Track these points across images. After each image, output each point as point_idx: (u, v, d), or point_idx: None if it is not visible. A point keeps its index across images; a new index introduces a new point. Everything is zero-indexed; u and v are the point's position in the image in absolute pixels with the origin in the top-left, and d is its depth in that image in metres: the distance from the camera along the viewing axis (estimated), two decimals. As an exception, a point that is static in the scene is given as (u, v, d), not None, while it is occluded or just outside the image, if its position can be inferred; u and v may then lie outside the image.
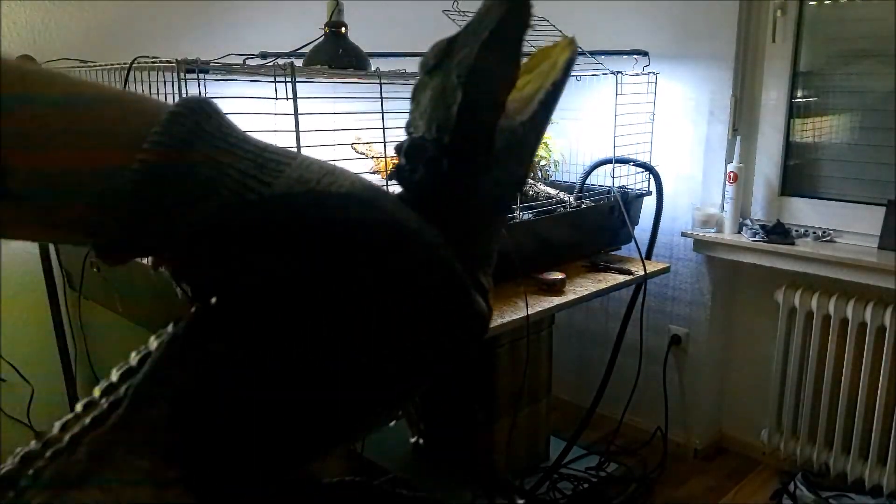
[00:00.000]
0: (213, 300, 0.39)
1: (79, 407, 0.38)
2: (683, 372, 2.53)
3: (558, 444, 2.37)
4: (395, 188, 0.44)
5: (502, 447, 2.18)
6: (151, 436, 0.37)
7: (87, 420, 0.37)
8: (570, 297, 1.84)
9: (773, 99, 2.29)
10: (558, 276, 1.87)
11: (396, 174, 0.43)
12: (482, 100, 0.42)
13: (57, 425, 0.38)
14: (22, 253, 1.72)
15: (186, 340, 0.39)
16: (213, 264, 0.39)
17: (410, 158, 0.43)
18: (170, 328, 0.39)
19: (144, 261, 0.38)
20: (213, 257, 0.39)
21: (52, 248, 1.76)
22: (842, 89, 2.22)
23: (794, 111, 2.29)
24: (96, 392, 0.38)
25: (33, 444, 0.37)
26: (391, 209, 0.41)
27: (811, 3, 2.22)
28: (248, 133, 0.41)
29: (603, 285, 1.94)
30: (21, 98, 0.34)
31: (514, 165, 0.46)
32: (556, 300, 1.81)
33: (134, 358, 0.39)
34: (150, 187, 0.36)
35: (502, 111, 0.43)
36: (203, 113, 0.39)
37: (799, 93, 2.28)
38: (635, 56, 2.31)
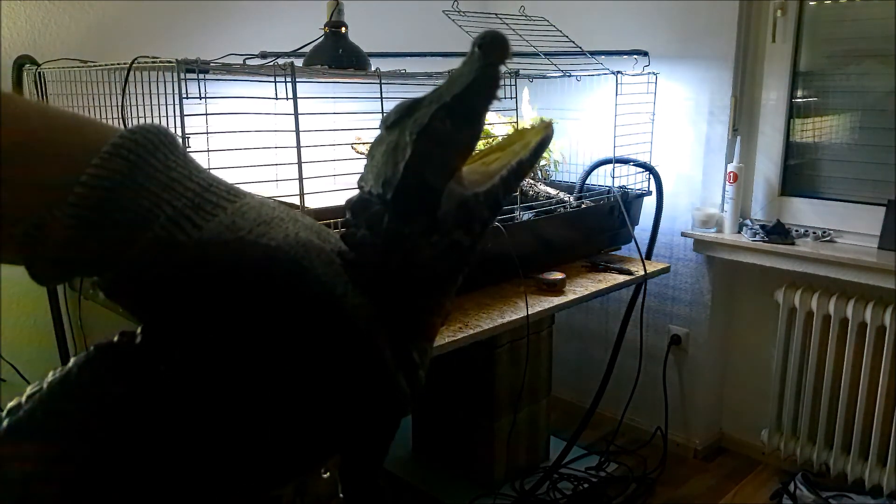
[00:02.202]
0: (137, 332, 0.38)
1: None
2: (683, 372, 2.53)
3: (558, 444, 2.37)
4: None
5: (502, 447, 2.18)
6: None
7: None
8: (570, 297, 1.84)
9: (772, 99, 2.29)
10: (558, 276, 1.87)
11: (344, 231, 0.42)
12: (432, 161, 0.41)
13: None
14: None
15: (87, 377, 0.38)
16: (137, 299, 0.38)
17: (355, 214, 0.42)
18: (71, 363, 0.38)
19: None
20: (138, 292, 0.38)
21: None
22: (842, 89, 2.22)
23: (794, 111, 2.29)
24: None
25: None
26: (319, 272, 0.39)
27: (811, 3, 2.22)
28: (200, 168, 0.40)
29: (603, 285, 1.94)
30: None
31: (461, 236, 0.43)
32: (556, 300, 1.81)
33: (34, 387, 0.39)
34: (82, 228, 0.35)
35: (451, 176, 0.42)
36: (149, 144, 0.37)
37: (799, 93, 2.28)
38: (635, 56, 2.31)
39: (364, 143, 1.78)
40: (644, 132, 2.24)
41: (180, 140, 0.42)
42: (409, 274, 0.43)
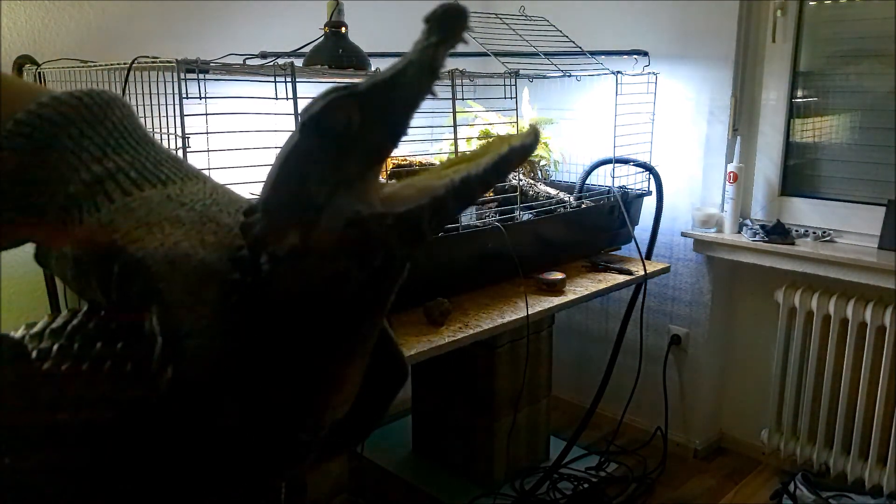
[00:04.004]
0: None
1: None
2: (683, 372, 2.53)
3: (558, 444, 2.37)
4: None
5: (502, 447, 2.18)
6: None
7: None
8: (570, 297, 1.84)
9: (772, 99, 2.29)
10: (558, 276, 1.87)
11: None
12: (319, 162, 0.32)
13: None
14: (22, 253, 1.72)
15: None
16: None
17: (244, 225, 0.34)
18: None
19: None
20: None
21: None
22: (841, 89, 2.22)
23: (793, 111, 2.29)
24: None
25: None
26: (174, 297, 0.32)
27: (811, 3, 2.21)
28: (140, 140, 0.37)
29: (603, 285, 1.94)
30: None
31: (350, 266, 0.32)
32: (556, 300, 1.81)
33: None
34: None
35: (348, 186, 0.32)
36: (61, 119, 0.34)
37: (799, 93, 2.28)
38: (635, 56, 2.31)
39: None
40: (644, 132, 2.24)
41: (129, 108, 0.40)
42: (279, 312, 0.32)
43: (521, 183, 1.93)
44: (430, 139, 2.08)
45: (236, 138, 1.33)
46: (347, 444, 0.46)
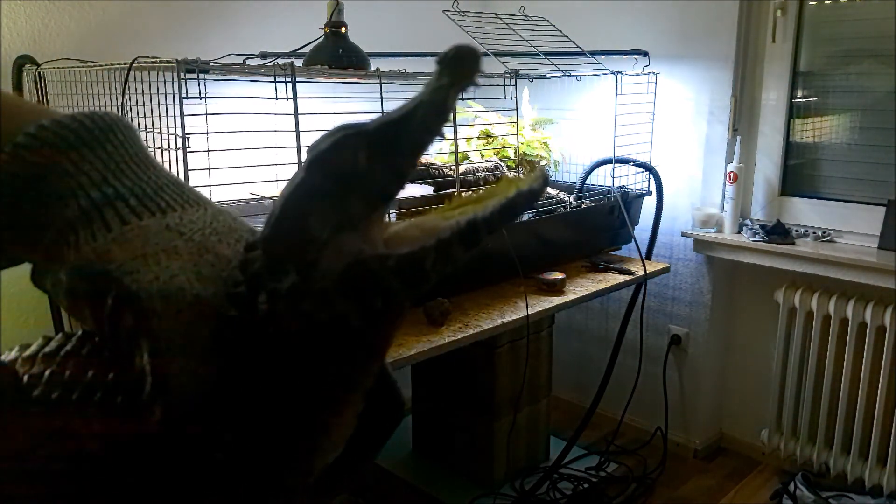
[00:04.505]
0: None
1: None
2: (683, 372, 2.53)
3: (558, 444, 2.37)
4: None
5: (502, 447, 2.18)
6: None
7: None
8: (570, 296, 1.84)
9: (772, 99, 2.29)
10: (558, 276, 1.87)
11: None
12: (323, 200, 0.32)
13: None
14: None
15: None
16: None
17: (244, 262, 0.34)
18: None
19: None
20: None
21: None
22: (841, 89, 2.22)
23: (793, 111, 2.29)
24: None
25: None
26: (165, 333, 0.32)
27: (811, 3, 2.21)
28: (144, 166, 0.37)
29: (603, 285, 1.94)
30: None
31: (349, 309, 0.32)
32: (556, 300, 1.81)
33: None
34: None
35: (352, 227, 0.32)
36: (61, 143, 0.34)
37: (799, 93, 2.28)
38: (635, 56, 2.31)
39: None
40: (644, 132, 2.24)
41: (133, 131, 0.39)
42: (268, 347, 0.32)
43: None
44: (430, 139, 2.08)
45: (236, 138, 1.33)
46: (339, 488, 0.45)
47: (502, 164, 1.97)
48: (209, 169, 1.27)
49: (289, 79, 1.36)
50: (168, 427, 0.32)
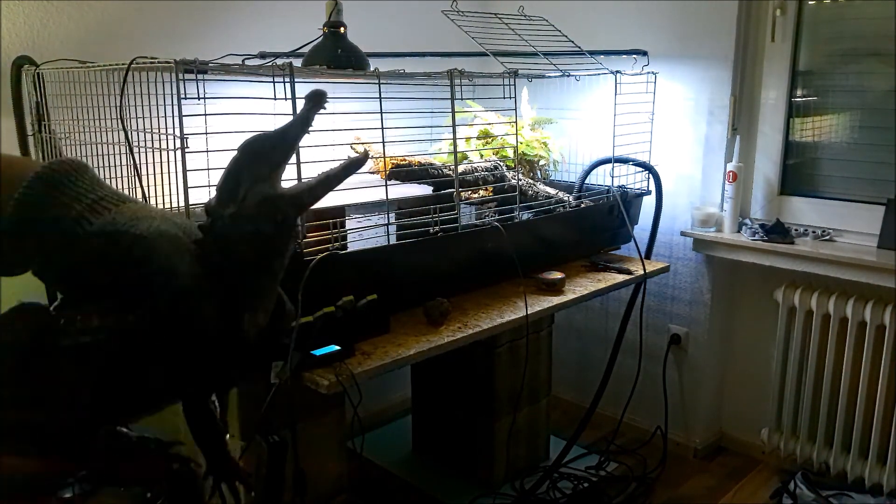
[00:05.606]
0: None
1: None
2: (683, 371, 2.53)
3: (558, 443, 2.37)
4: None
5: (502, 447, 2.18)
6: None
7: None
8: (569, 296, 1.84)
9: (772, 98, 2.29)
10: (558, 275, 1.87)
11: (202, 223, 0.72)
12: (248, 166, 0.73)
13: None
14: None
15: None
16: (58, 277, 0.71)
17: (208, 209, 0.74)
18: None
19: None
20: (59, 273, 0.69)
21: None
22: (841, 88, 2.22)
23: (793, 110, 2.29)
24: None
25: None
26: (166, 251, 0.62)
27: (811, 3, 2.21)
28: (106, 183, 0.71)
29: (603, 285, 1.94)
30: None
31: (264, 224, 0.67)
32: (556, 300, 1.81)
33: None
34: (17, 227, 0.63)
35: (263, 180, 0.71)
36: (62, 170, 0.67)
37: (798, 92, 2.28)
38: (635, 56, 2.31)
39: (363, 143, 1.78)
40: (643, 132, 2.24)
41: (90, 170, 0.75)
42: (226, 253, 0.65)
43: (520, 182, 1.93)
44: (430, 139, 2.08)
45: (235, 138, 1.33)
46: (264, 357, 0.84)
47: (501, 163, 1.97)
48: (208, 169, 1.27)
49: (287, 79, 1.36)
50: (173, 307, 0.64)
